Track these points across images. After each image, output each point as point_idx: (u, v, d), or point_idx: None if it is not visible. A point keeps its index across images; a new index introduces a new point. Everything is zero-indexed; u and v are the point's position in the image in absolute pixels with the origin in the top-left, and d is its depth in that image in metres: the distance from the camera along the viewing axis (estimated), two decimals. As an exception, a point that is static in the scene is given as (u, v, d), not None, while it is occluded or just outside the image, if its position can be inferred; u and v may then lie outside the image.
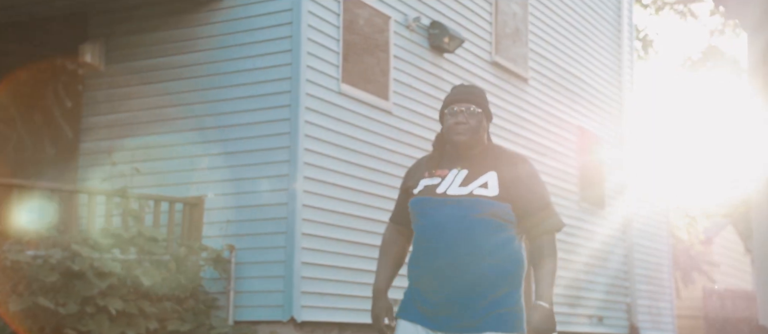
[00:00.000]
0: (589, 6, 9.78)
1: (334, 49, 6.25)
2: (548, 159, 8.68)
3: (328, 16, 6.21)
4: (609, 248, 9.51)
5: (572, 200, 9.02)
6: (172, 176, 6.12)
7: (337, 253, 6.15)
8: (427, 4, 7.22)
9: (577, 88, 9.37)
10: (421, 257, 2.55)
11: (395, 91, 6.79)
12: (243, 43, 6.16)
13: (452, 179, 2.55)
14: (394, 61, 6.81)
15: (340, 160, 6.23)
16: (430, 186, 2.57)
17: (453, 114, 2.58)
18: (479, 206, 2.49)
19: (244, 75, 6.13)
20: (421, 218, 2.55)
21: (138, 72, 6.47)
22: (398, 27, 6.89)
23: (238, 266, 5.80)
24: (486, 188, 2.50)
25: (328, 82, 6.19)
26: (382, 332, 2.61)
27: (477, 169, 2.55)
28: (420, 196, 2.57)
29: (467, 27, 7.70)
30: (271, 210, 5.87)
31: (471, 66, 7.73)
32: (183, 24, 6.36)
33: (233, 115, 6.10)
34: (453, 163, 2.58)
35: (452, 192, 2.52)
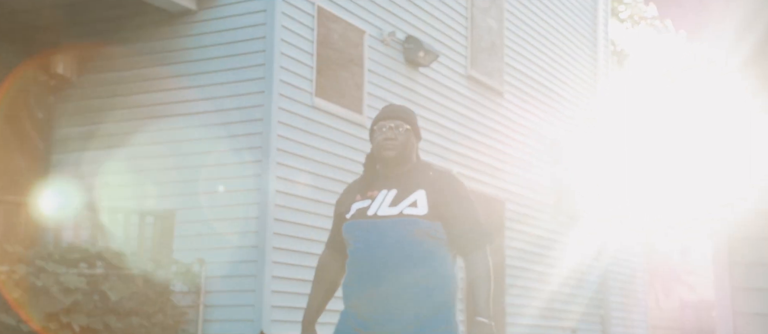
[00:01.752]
0: (564, 20, 9.80)
1: (307, 63, 6.20)
2: (524, 172, 8.67)
3: (301, 30, 6.16)
4: (584, 260, 9.50)
5: (547, 213, 9.01)
6: (143, 189, 6.04)
7: (309, 267, 6.08)
8: (402, 19, 7.20)
9: (553, 101, 9.37)
10: (355, 279, 2.56)
11: (369, 105, 6.75)
12: (216, 56, 6.10)
13: (382, 199, 2.55)
14: (369, 75, 6.77)
15: (312, 174, 6.18)
16: (361, 209, 2.58)
17: (382, 131, 2.60)
18: (410, 225, 2.49)
19: (217, 88, 6.06)
20: (354, 241, 2.56)
21: (110, 84, 6.39)
22: (373, 41, 6.85)
23: (208, 280, 5.72)
24: (415, 207, 2.51)
25: (301, 96, 6.14)
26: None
27: (406, 188, 2.55)
28: (352, 220, 2.57)
29: (442, 41, 7.68)
30: (242, 224, 5.80)
31: (446, 80, 7.71)
32: (156, 36, 6.29)
33: (205, 128, 6.03)
34: (383, 183, 2.59)
35: (382, 213, 2.53)
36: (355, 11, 6.69)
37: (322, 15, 6.33)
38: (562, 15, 9.76)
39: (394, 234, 2.50)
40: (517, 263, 8.45)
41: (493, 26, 8.39)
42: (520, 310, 8.38)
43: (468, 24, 8.03)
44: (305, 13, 6.20)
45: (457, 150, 7.74)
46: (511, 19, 8.71)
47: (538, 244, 8.78)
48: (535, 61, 9.10)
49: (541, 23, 9.29)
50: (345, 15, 6.57)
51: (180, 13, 6.18)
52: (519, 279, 8.43)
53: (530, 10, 9.09)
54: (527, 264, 8.60)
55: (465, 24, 8.01)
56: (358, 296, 2.55)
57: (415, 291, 2.47)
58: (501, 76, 8.46)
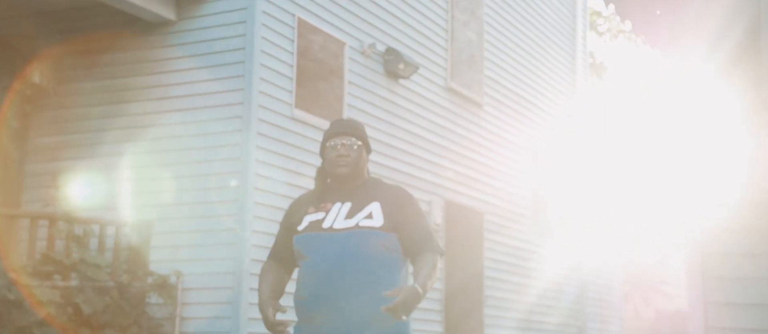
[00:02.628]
0: (543, 33, 9.84)
1: (287, 74, 6.15)
2: (503, 183, 8.67)
3: (281, 41, 6.12)
4: (561, 271, 9.51)
5: (526, 224, 9.01)
6: (120, 200, 5.95)
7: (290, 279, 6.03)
8: (382, 31, 7.18)
9: (532, 113, 9.39)
10: (310, 293, 2.52)
11: (349, 116, 6.72)
12: (195, 67, 6.03)
13: (337, 212, 2.54)
14: (349, 86, 6.74)
15: (291, 186, 6.12)
16: (315, 221, 2.56)
17: (334, 147, 2.59)
18: (367, 237, 2.50)
19: (195, 99, 6.00)
20: (309, 253, 2.53)
21: (88, 93, 6.30)
22: (353, 53, 6.82)
23: (185, 292, 5.64)
24: (371, 219, 2.52)
25: (280, 107, 6.09)
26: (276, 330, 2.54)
27: (360, 201, 2.56)
28: (306, 232, 2.55)
29: (422, 53, 7.67)
30: (220, 235, 5.73)
31: (426, 92, 7.70)
32: (135, 46, 6.21)
33: (183, 139, 5.96)
34: (336, 196, 2.58)
35: (338, 225, 2.52)
36: (336, 23, 6.66)
37: (303, 26, 6.29)
38: (541, 28, 9.79)
39: (352, 247, 2.49)
40: (496, 274, 8.44)
41: (473, 39, 8.40)
42: (498, 321, 8.36)
43: (448, 36, 8.03)
44: (285, 25, 6.15)
45: (436, 161, 7.72)
46: (491, 31, 8.73)
47: (516, 255, 8.78)
48: (514, 73, 9.11)
49: (520, 36, 9.31)
50: (325, 26, 6.54)
51: (159, 24, 6.12)
52: (497, 290, 8.42)
53: (509, 23, 9.11)
54: (506, 275, 8.59)
55: (445, 36, 8.00)
56: (313, 310, 2.50)
57: (375, 305, 2.46)
58: (480, 88, 8.46)
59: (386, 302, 2.42)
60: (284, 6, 6.15)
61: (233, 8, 5.93)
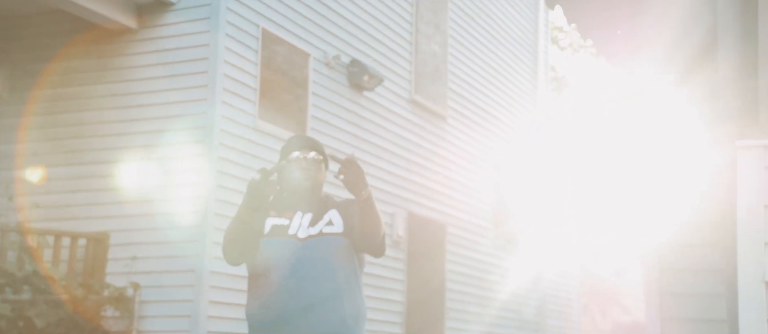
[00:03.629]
0: (506, 47, 9.89)
1: (251, 85, 6.06)
2: (465, 196, 8.67)
3: (246, 52, 6.02)
4: (522, 284, 9.54)
5: (487, 237, 9.02)
6: (76, 211, 5.79)
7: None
8: (347, 42, 7.12)
9: (494, 126, 9.42)
10: (274, 299, 2.49)
11: (313, 128, 6.64)
12: (156, 76, 5.90)
13: (299, 220, 2.57)
14: (313, 98, 6.67)
15: (253, 197, 6.02)
16: (279, 226, 2.56)
17: (300, 162, 2.61)
18: (330, 244, 2.53)
19: (157, 109, 5.86)
20: (272, 258, 2.51)
21: (43, 101, 6.12)
22: (318, 64, 6.76)
23: (143, 305, 5.50)
24: (332, 225, 2.56)
25: (244, 118, 5.99)
26: (259, 179, 2.53)
27: (319, 210, 2.60)
28: (271, 237, 2.54)
29: (387, 65, 7.64)
30: (179, 247, 5.59)
31: (390, 104, 7.66)
32: (94, 54, 6.06)
33: (143, 150, 5.83)
34: (296, 207, 2.60)
35: (303, 234, 2.54)
36: (300, 34, 6.59)
37: (267, 37, 6.21)
38: (504, 42, 9.84)
39: (318, 254, 2.52)
40: (458, 286, 8.42)
41: (437, 52, 8.40)
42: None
43: (412, 49, 8.01)
44: (249, 35, 6.06)
45: (399, 173, 7.68)
46: (455, 44, 8.73)
47: (478, 268, 8.77)
48: (477, 86, 9.14)
49: (484, 50, 9.34)
50: (290, 37, 6.46)
51: (120, 31, 5.97)
52: (459, 303, 8.40)
53: (473, 37, 9.14)
54: (467, 288, 8.58)
55: (409, 49, 7.98)
56: (279, 318, 2.47)
57: (343, 311, 2.48)
58: (444, 101, 8.46)
59: (352, 310, 2.47)
60: (248, 16, 6.06)
61: (196, 17, 5.82)
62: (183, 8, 5.87)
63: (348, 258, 2.54)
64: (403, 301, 7.55)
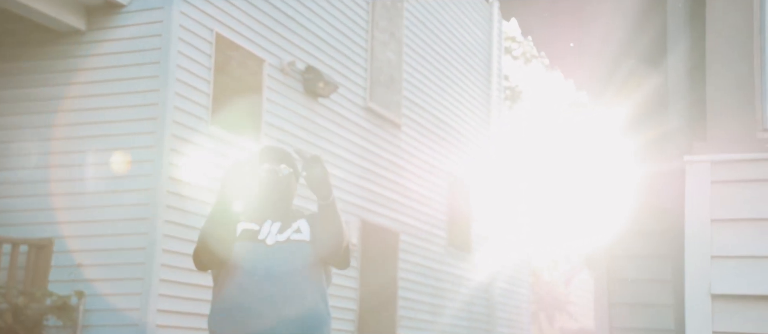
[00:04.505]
0: (460, 56, 9.92)
1: (204, 90, 5.93)
2: (419, 204, 8.64)
3: (199, 56, 5.89)
4: (473, 292, 9.56)
5: (440, 245, 9.01)
6: (18, 216, 5.57)
7: (198, 300, 5.77)
8: (302, 49, 7.04)
9: (448, 135, 9.43)
10: (238, 303, 2.45)
11: (267, 134, 6.54)
12: (106, 79, 5.73)
13: (269, 227, 2.56)
14: (267, 104, 6.56)
15: (206, 204, 5.89)
16: (250, 231, 2.54)
17: (261, 175, 2.61)
18: (297, 250, 2.53)
19: (106, 112, 5.69)
20: (244, 262, 2.48)
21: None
22: (272, 70, 6.65)
23: (87, 314, 5.31)
24: (300, 233, 2.56)
25: (196, 123, 5.85)
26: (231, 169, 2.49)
27: (288, 219, 2.61)
28: (241, 241, 2.52)
29: (342, 73, 7.57)
30: (127, 254, 5.43)
31: (345, 111, 7.60)
32: (41, 56, 5.85)
33: (91, 154, 5.64)
34: (266, 215, 2.60)
35: (271, 241, 2.53)
36: (255, 39, 6.48)
37: (221, 42, 6.09)
38: (459, 51, 9.87)
39: (284, 262, 2.50)
40: (410, 295, 8.38)
41: (392, 60, 8.37)
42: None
43: (368, 56, 7.96)
44: (203, 40, 5.93)
45: (354, 181, 7.61)
46: (410, 53, 8.72)
47: (431, 276, 8.76)
48: (432, 95, 9.14)
49: (439, 58, 9.35)
50: (244, 43, 6.35)
51: (68, 33, 5.78)
52: (411, 311, 8.36)
53: (428, 45, 9.14)
54: (420, 296, 8.55)
55: (365, 56, 7.93)
56: (246, 323, 2.44)
57: (312, 318, 2.48)
58: (399, 109, 8.43)
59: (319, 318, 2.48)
60: (202, 20, 5.93)
61: (148, 21, 5.67)
62: (134, 11, 5.71)
63: (314, 266, 2.53)
64: (355, 309, 7.48)
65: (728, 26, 3.55)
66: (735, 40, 3.54)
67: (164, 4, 5.64)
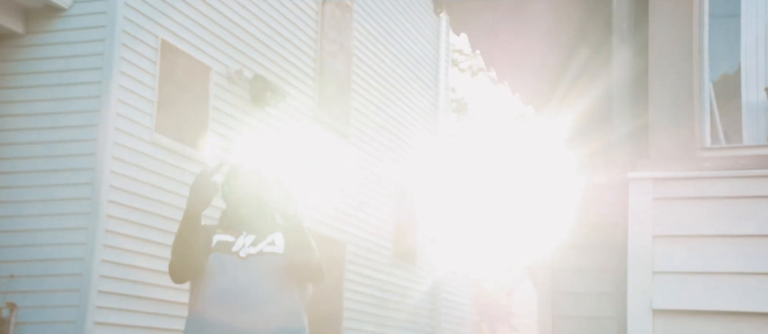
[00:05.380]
0: (409, 68, 9.93)
1: (148, 97, 5.77)
2: (366, 215, 8.60)
3: (143, 63, 5.73)
4: (419, 303, 9.55)
5: (386, 256, 8.98)
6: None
7: (140, 312, 5.60)
8: (250, 57, 6.93)
9: (396, 146, 9.42)
10: (210, 315, 2.43)
11: (214, 143, 6.40)
12: (46, 84, 5.52)
13: (243, 240, 2.55)
14: (214, 112, 6.43)
15: (149, 214, 5.72)
16: (225, 242, 2.53)
17: (234, 189, 2.59)
18: (270, 262, 2.51)
19: (45, 119, 5.48)
20: (217, 275, 2.47)
21: None
22: (219, 78, 6.53)
23: (19, 327, 5.08)
24: (274, 245, 2.54)
25: (139, 131, 5.69)
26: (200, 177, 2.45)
27: (263, 232, 2.59)
28: (216, 252, 2.51)
29: (290, 82, 7.49)
30: (63, 265, 5.23)
31: (292, 121, 7.51)
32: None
33: (29, 161, 5.42)
34: (241, 228, 2.59)
35: (245, 253, 2.52)
36: (202, 47, 6.35)
37: (167, 49, 5.94)
38: (407, 62, 9.89)
39: (256, 274, 2.48)
40: (357, 305, 8.32)
41: (341, 70, 8.32)
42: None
43: (316, 66, 7.90)
44: (148, 46, 5.78)
45: (300, 191, 7.53)
46: (359, 63, 8.69)
47: (377, 287, 8.71)
48: (380, 106, 9.12)
49: (386, 69, 9.35)
50: (191, 50, 6.21)
51: (5, 36, 5.55)
52: (357, 322, 8.29)
53: (376, 56, 9.13)
54: (366, 307, 8.49)
55: (313, 66, 7.86)
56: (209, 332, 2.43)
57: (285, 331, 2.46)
58: (347, 120, 8.38)
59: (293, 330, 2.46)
60: (147, 27, 5.77)
61: (90, 25, 5.49)
62: (76, 15, 5.53)
63: (287, 279, 2.50)
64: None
65: (669, 48, 3.62)
66: (675, 61, 3.62)
67: (107, 9, 5.47)
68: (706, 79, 3.66)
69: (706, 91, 3.60)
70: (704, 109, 3.57)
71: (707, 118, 3.59)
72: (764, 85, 3.77)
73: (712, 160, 3.40)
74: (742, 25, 3.93)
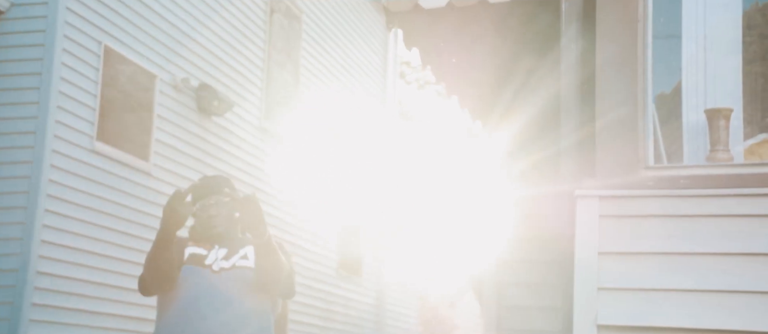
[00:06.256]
0: (356, 79, 9.92)
1: (89, 104, 5.59)
2: (311, 225, 8.52)
3: (85, 69, 5.55)
4: (363, 315, 9.51)
5: (331, 268, 8.92)
6: None
7: (76, 325, 5.39)
8: (196, 66, 6.79)
9: (343, 157, 9.38)
10: (185, 330, 2.44)
11: (157, 152, 6.24)
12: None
13: (216, 254, 2.56)
14: (158, 120, 6.27)
15: (88, 224, 5.53)
16: (197, 256, 2.54)
17: (205, 208, 2.59)
18: (241, 277, 2.51)
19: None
20: (189, 288, 2.47)
21: None
22: (164, 86, 6.37)
23: (-50, 343, 4.84)
24: (247, 259, 2.55)
25: (80, 139, 5.50)
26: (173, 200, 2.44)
27: (235, 246, 2.59)
28: (188, 265, 2.52)
29: (238, 91, 7.37)
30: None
31: (239, 131, 7.39)
32: None
33: (-39, 168, 5.19)
34: (213, 241, 2.61)
35: (217, 267, 2.53)
36: (147, 54, 6.19)
37: (110, 55, 5.77)
38: (355, 74, 9.87)
39: (228, 288, 2.49)
40: (301, 317, 8.23)
41: (289, 80, 8.25)
42: (300, 364, 8.13)
43: (264, 76, 7.80)
44: (90, 52, 5.60)
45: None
46: (307, 74, 8.63)
47: (321, 298, 8.64)
48: (328, 116, 9.07)
49: (334, 80, 9.31)
50: (135, 57, 6.05)
51: (-61, 37, 5.31)
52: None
53: (325, 68, 9.08)
54: (310, 319, 8.41)
55: (261, 76, 7.77)
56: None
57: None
58: (294, 130, 8.31)
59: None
60: (90, 32, 5.60)
61: (29, 29, 5.29)
62: (14, 18, 5.32)
63: (258, 293, 2.52)
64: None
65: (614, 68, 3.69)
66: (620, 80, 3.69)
67: (48, 13, 5.29)
68: (649, 99, 3.74)
69: (649, 111, 3.68)
70: (648, 129, 3.65)
71: (650, 138, 3.67)
72: (703, 105, 3.88)
73: (655, 179, 3.47)
74: (682, 46, 4.04)
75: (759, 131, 3.92)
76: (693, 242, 3.31)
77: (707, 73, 3.96)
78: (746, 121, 3.84)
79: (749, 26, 4.11)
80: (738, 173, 3.38)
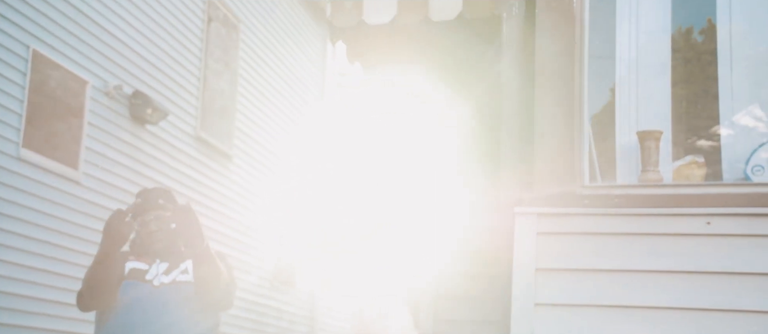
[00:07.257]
0: (294, 90, 9.85)
1: (15, 110, 5.35)
2: (246, 237, 8.39)
3: (11, 73, 5.32)
4: (296, 327, 9.41)
5: (267, 279, 8.80)
6: None
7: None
8: (130, 73, 6.60)
9: (280, 169, 9.28)
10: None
11: (87, 160, 6.03)
12: None
13: (157, 268, 2.56)
14: (89, 128, 6.06)
15: (14, 234, 5.29)
16: (138, 270, 2.53)
17: (147, 225, 2.60)
18: (182, 291, 2.53)
19: None
20: (129, 302, 2.47)
21: None
22: (96, 93, 6.17)
23: None
24: (187, 273, 2.57)
25: (5, 146, 5.26)
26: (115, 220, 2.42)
27: (175, 260, 2.60)
28: (129, 279, 2.51)
29: (173, 100, 7.20)
30: None
31: (174, 140, 7.22)
32: None
33: None
34: (154, 255, 2.60)
35: (158, 282, 2.52)
36: (78, 60, 5.98)
37: (38, 60, 5.54)
38: (293, 84, 9.80)
39: (169, 303, 2.48)
40: (233, 330, 8.07)
41: (226, 89, 8.11)
42: (233, 378, 7.97)
43: (200, 85, 7.65)
44: (17, 56, 5.37)
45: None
46: (244, 84, 8.51)
47: (255, 311, 8.50)
48: (265, 127, 8.96)
49: (272, 90, 9.22)
50: (66, 62, 5.83)
51: None
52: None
53: (262, 77, 8.98)
54: (243, 331, 8.26)
55: (197, 84, 7.61)
56: None
57: None
58: (231, 140, 8.17)
59: None
60: (17, 36, 5.37)
61: (-47, 31, 5.05)
62: (-63, 18, 5.06)
63: (199, 306, 2.53)
64: None
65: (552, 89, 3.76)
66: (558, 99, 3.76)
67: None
68: (585, 118, 3.83)
69: (585, 130, 3.77)
70: (584, 148, 3.73)
71: (586, 157, 3.75)
72: (635, 125, 3.99)
73: (591, 197, 3.55)
74: (616, 67, 4.16)
75: (685, 153, 4.06)
76: (626, 260, 3.40)
77: (639, 94, 4.07)
78: (673, 143, 3.98)
79: (674, 50, 4.25)
80: (668, 194, 3.50)
